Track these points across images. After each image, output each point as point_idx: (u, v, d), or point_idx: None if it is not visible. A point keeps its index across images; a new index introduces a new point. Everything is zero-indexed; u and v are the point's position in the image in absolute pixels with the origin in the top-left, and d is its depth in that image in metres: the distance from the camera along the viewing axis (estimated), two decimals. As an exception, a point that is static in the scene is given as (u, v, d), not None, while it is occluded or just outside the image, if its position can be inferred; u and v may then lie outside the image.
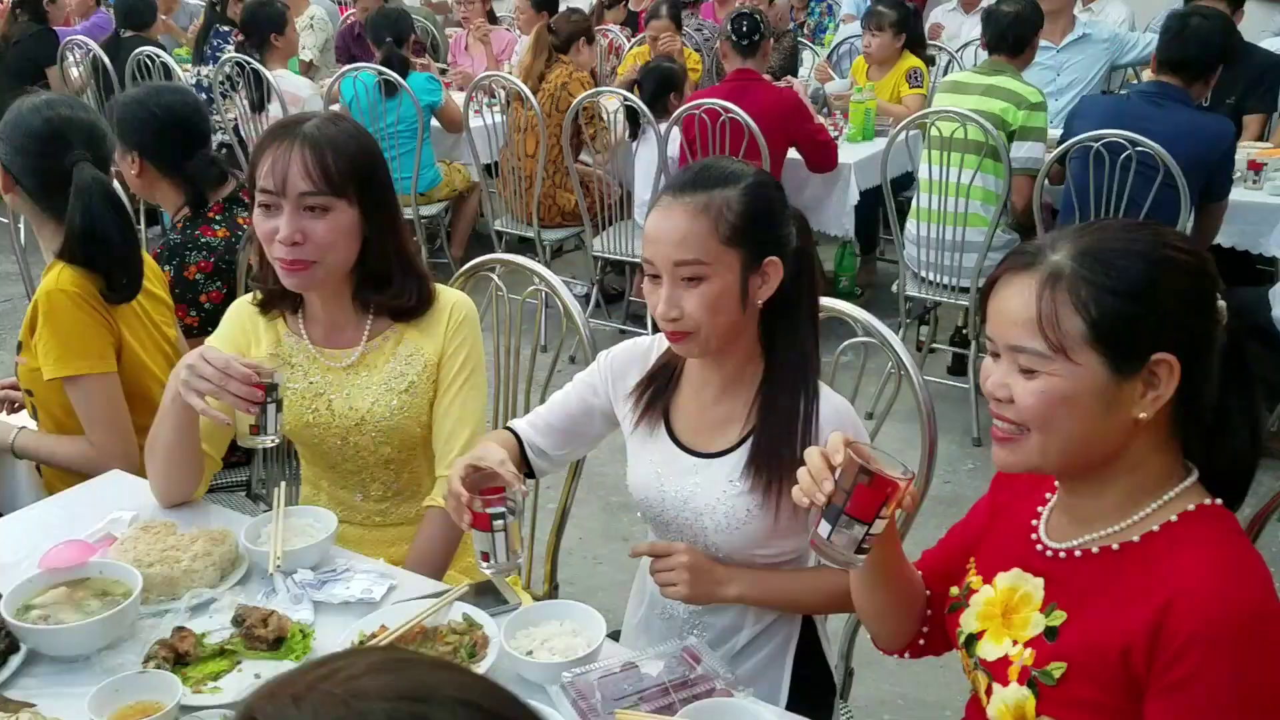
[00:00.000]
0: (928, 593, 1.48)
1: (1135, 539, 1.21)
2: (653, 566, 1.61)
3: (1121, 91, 5.09)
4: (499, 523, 1.47)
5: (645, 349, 1.74)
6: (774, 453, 1.56)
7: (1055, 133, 4.23)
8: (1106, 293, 1.15)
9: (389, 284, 1.83)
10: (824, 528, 1.24)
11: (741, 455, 1.60)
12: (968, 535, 1.46)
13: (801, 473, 1.27)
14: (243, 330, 1.90)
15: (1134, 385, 1.16)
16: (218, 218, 2.52)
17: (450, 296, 1.91)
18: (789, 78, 5.11)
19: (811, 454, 1.27)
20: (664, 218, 1.53)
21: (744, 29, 4.23)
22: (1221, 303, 1.20)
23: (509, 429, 1.80)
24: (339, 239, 1.74)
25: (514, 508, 1.48)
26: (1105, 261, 1.16)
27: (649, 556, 1.66)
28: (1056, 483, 1.33)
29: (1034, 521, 1.33)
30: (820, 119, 4.86)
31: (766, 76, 4.55)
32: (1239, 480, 1.25)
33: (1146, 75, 4.54)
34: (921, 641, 1.49)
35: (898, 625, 1.48)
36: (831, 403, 1.61)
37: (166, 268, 2.44)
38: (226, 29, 5.60)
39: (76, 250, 2.01)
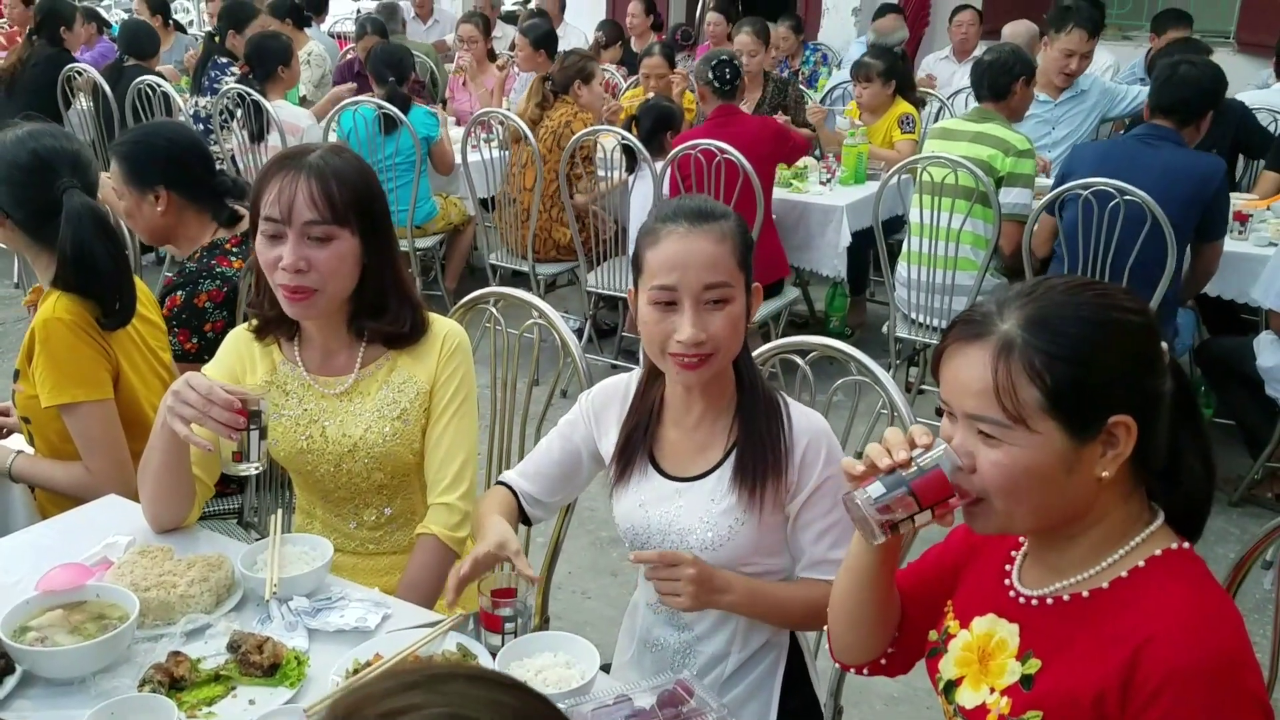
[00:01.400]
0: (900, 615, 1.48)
1: (1105, 585, 1.22)
2: (654, 573, 1.60)
3: (1119, 134, 5.18)
4: (509, 625, 1.52)
5: (625, 385, 1.78)
6: (759, 458, 1.63)
7: (1048, 182, 4.32)
8: (1060, 361, 1.16)
9: (385, 311, 1.86)
10: (876, 488, 1.23)
11: (723, 473, 1.65)
12: (944, 563, 1.46)
13: (872, 445, 1.27)
14: (239, 357, 1.92)
15: (1094, 448, 1.18)
16: (234, 250, 2.52)
17: (444, 325, 1.94)
18: (806, 131, 5.22)
19: (892, 430, 1.28)
20: (689, 243, 1.57)
21: (726, 75, 4.44)
22: (1163, 345, 1.22)
23: (502, 484, 1.83)
24: (341, 267, 1.77)
25: (524, 610, 1.53)
26: (1055, 329, 1.17)
27: (654, 567, 1.62)
28: None
29: (1007, 567, 1.35)
30: (811, 160, 4.96)
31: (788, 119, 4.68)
32: (1197, 514, 1.27)
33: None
34: (883, 661, 1.49)
35: (869, 637, 1.48)
36: (801, 411, 1.69)
37: (179, 293, 2.44)
38: (224, 60, 5.65)
39: (70, 277, 2.02)
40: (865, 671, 1.52)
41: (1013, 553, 1.36)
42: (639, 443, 1.71)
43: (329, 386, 1.89)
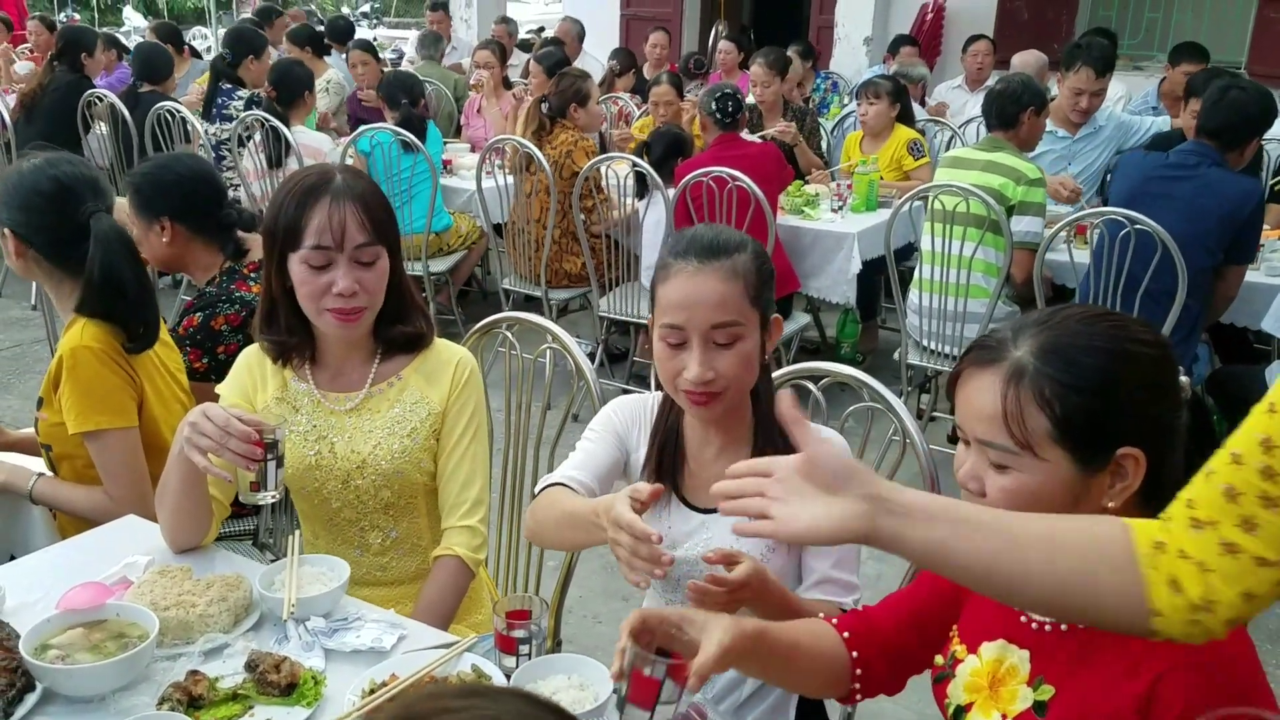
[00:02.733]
0: (853, 653, 1.43)
1: None
2: (700, 590, 1.50)
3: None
4: (524, 647, 1.53)
5: (644, 406, 1.78)
6: None
7: (1061, 210, 4.34)
8: (1070, 390, 1.16)
9: (405, 317, 1.92)
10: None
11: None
12: (943, 587, 1.44)
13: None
14: (250, 375, 1.95)
15: (1102, 479, 1.18)
16: (253, 275, 2.55)
17: (456, 351, 1.98)
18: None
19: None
20: (697, 283, 1.56)
21: (729, 108, 4.56)
22: (1184, 379, 1.22)
23: (561, 485, 1.71)
24: (384, 283, 1.85)
25: (538, 632, 1.55)
26: (1067, 358, 1.18)
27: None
28: None
29: None
30: (823, 187, 5.00)
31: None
32: None
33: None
34: (858, 696, 1.45)
35: (805, 686, 1.45)
36: (818, 431, 1.65)
37: (197, 315, 2.47)
38: (229, 86, 5.68)
39: (97, 301, 2.04)
40: (848, 704, 1.50)
41: None
42: (664, 471, 1.71)
43: (338, 403, 1.91)
